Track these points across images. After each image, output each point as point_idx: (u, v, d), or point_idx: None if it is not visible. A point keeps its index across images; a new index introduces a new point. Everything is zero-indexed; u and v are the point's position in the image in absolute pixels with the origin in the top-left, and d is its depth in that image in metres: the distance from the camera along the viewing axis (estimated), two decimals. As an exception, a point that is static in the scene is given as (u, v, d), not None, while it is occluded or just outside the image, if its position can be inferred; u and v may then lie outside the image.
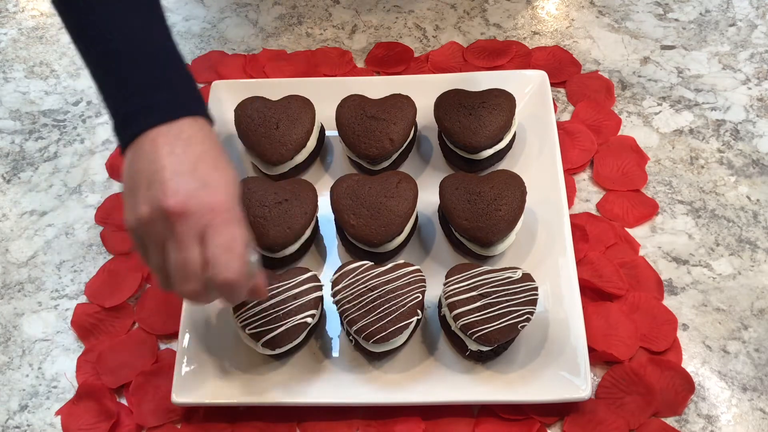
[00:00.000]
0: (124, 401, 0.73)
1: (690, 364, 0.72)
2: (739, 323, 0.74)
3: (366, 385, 0.70)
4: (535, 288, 0.69)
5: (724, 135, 0.87)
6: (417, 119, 0.83)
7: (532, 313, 0.67)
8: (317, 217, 0.79)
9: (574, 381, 0.68)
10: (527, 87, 0.87)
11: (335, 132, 0.83)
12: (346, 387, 0.70)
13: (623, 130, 0.88)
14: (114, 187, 0.88)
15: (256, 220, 0.74)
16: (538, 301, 0.68)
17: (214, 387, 0.70)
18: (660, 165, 0.85)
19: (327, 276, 0.74)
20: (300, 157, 0.82)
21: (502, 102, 0.80)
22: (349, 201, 0.75)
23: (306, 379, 0.71)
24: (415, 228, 0.79)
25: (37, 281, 0.81)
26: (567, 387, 0.68)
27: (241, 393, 0.70)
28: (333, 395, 0.70)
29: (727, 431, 0.68)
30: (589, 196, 0.83)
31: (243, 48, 0.99)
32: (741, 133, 0.87)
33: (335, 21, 1.01)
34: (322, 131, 0.86)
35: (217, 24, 1.02)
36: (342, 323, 0.70)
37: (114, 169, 0.89)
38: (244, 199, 0.74)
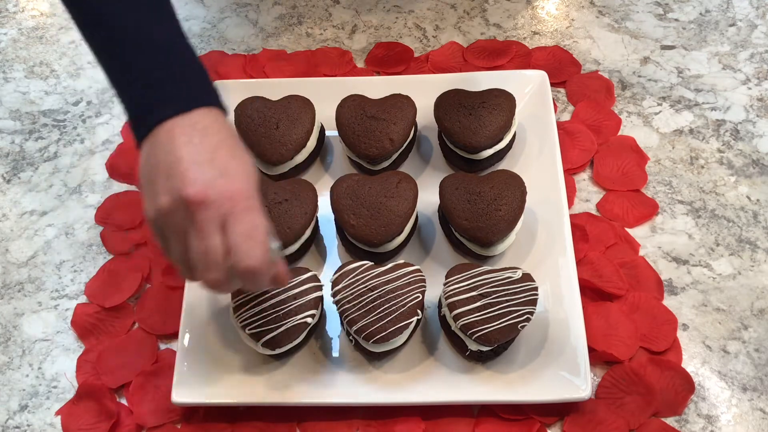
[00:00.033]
0: (124, 401, 0.73)
1: (690, 364, 0.72)
2: (739, 323, 0.74)
3: (366, 385, 0.70)
4: (535, 288, 0.68)
5: (724, 135, 0.87)
6: (417, 119, 0.83)
7: (532, 313, 0.67)
8: (317, 217, 0.79)
9: (574, 381, 0.68)
10: (527, 87, 0.87)
11: (335, 132, 0.83)
12: (346, 387, 0.70)
13: (623, 130, 0.88)
14: (114, 187, 0.88)
15: (256, 220, 0.74)
16: (538, 301, 0.68)
17: (214, 387, 0.70)
18: (660, 165, 0.85)
19: (327, 276, 0.74)
20: (300, 157, 0.82)
21: (502, 102, 0.80)
22: (349, 201, 0.75)
23: (306, 379, 0.71)
24: (415, 228, 0.79)
25: (37, 281, 0.81)
26: (567, 387, 0.68)
27: (241, 393, 0.70)
28: (333, 395, 0.70)
29: (727, 431, 0.68)
30: (589, 196, 0.83)
31: (243, 48, 0.99)
32: (741, 133, 0.87)
33: (335, 21, 1.01)
34: (322, 131, 0.86)
35: (217, 24, 1.02)
36: (342, 323, 0.70)
37: (114, 169, 0.89)
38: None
